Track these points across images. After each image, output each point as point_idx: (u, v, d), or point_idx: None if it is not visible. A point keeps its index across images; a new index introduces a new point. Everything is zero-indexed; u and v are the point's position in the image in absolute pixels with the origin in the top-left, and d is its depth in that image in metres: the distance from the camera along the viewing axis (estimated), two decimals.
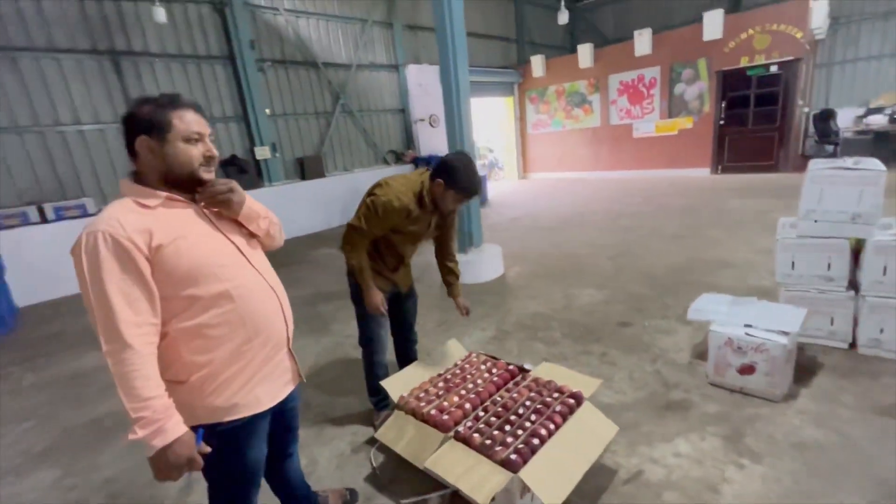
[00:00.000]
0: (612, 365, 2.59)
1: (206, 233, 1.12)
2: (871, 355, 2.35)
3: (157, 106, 1.06)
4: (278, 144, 7.48)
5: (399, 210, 1.85)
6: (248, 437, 1.17)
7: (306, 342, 3.39)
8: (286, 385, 1.27)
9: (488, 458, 1.54)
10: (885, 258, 2.21)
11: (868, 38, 9.46)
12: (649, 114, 9.57)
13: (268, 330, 1.18)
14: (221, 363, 1.09)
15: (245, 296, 1.13)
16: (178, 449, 0.99)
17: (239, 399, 1.13)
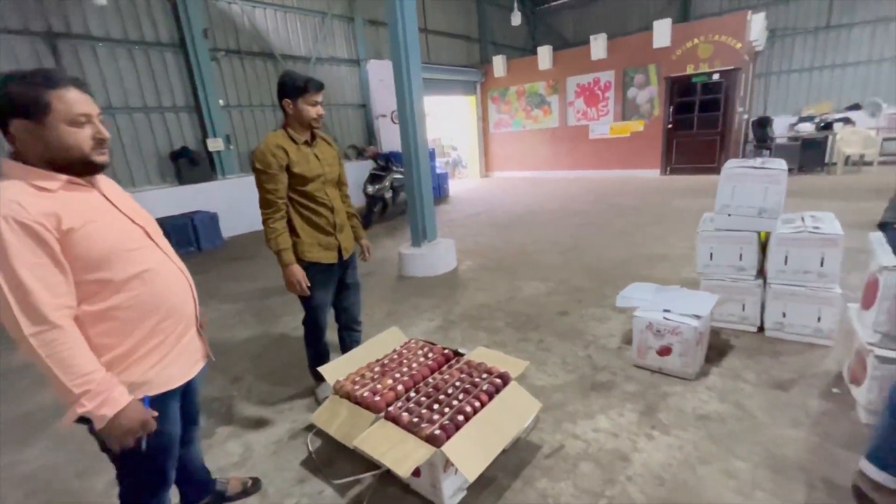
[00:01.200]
0: (547, 351, 2.72)
1: (113, 217, 1.12)
2: (775, 337, 2.59)
3: (28, 85, 0.95)
4: (232, 136, 7.29)
5: (275, 149, 1.93)
6: (160, 413, 1.18)
7: (254, 334, 3.37)
8: (196, 363, 1.31)
9: (414, 435, 1.62)
10: (786, 249, 2.45)
11: (801, 51, 10.22)
12: (604, 116, 9.95)
13: (179, 310, 1.21)
14: (133, 344, 1.11)
15: (156, 279, 1.15)
16: (130, 413, 1.02)
17: (151, 376, 1.15)
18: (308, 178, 2.03)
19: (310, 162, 2.03)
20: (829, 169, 8.25)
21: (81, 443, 2.22)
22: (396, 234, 6.36)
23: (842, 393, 2.10)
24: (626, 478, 1.72)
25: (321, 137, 2.15)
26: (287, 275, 2.05)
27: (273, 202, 1.98)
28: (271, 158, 1.93)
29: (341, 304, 2.38)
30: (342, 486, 1.81)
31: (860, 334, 1.95)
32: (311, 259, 2.10)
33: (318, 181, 2.06)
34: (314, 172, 2.04)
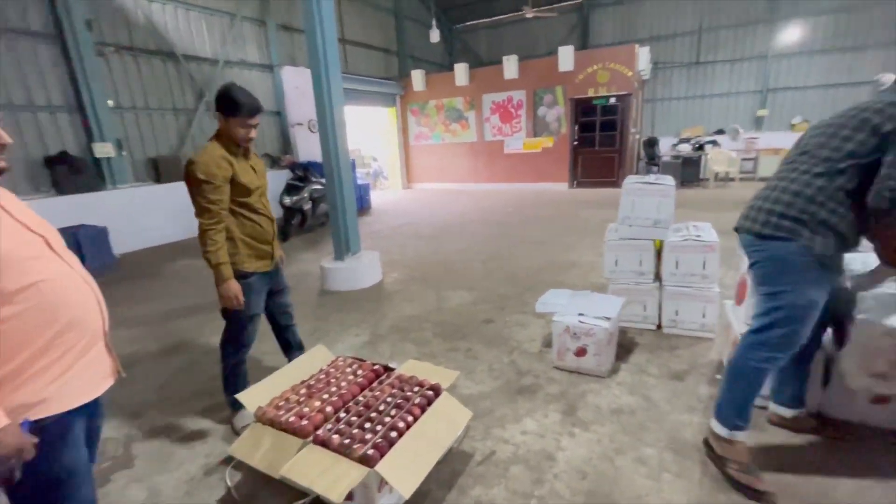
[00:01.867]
0: (474, 359, 2.80)
1: (9, 225, 1.04)
2: (671, 333, 2.93)
3: None
4: (125, 141, 6.53)
5: (220, 160, 1.92)
6: (62, 436, 1.06)
7: (157, 362, 3.02)
8: (104, 380, 1.21)
9: (346, 457, 1.56)
10: (676, 255, 2.79)
11: (678, 82, 11.77)
12: (518, 132, 10.56)
13: (82, 323, 1.13)
14: (25, 360, 1.01)
15: (56, 290, 1.07)
16: (4, 439, 0.92)
17: (49, 393, 1.04)
18: (250, 190, 2.05)
19: (251, 174, 2.07)
20: (703, 184, 9.56)
21: None
22: (317, 247, 6.13)
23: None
24: (554, 476, 1.82)
25: (252, 151, 2.16)
26: (225, 290, 2.00)
27: (215, 213, 1.94)
28: (216, 170, 1.90)
29: (278, 309, 2.40)
30: None
31: (734, 327, 2.28)
32: (248, 269, 2.10)
33: (257, 193, 2.10)
34: (255, 184, 2.07)
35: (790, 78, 10.63)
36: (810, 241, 1.51)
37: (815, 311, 1.59)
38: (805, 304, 1.58)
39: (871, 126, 1.43)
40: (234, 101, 1.90)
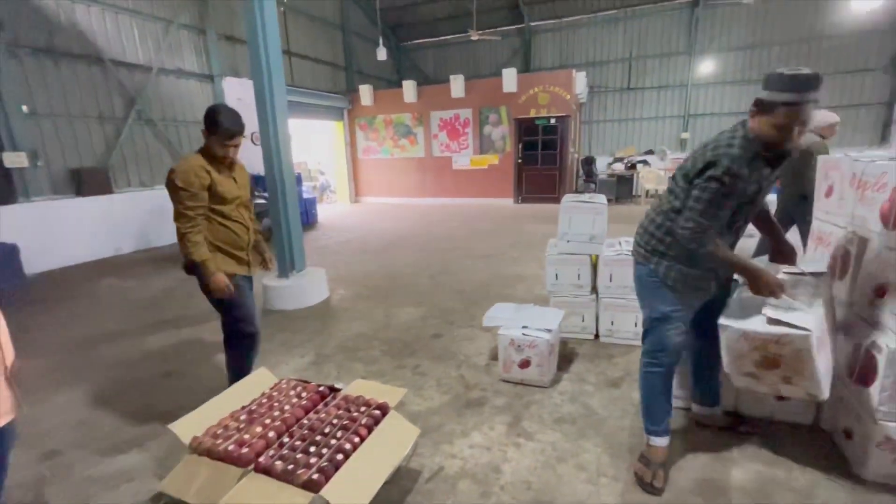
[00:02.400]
0: (423, 375, 2.81)
1: None
2: (608, 342, 3.11)
3: None
4: (41, 151, 5.97)
5: (199, 170, 2.07)
6: None
7: (75, 395, 2.76)
8: (2, 416, 1.17)
9: (290, 484, 1.52)
10: (610, 268, 2.99)
11: (612, 105, 12.63)
12: (465, 149, 10.83)
13: None
14: None
15: None
16: None
17: None
18: (227, 199, 2.18)
19: (230, 184, 2.20)
20: (635, 199, 10.27)
21: None
22: None
23: None
24: (500, 487, 1.86)
25: (238, 163, 2.30)
26: (214, 283, 2.15)
27: (192, 217, 2.09)
28: (194, 178, 2.05)
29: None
30: None
31: None
32: (227, 271, 2.21)
33: (234, 203, 2.22)
34: (232, 195, 2.20)
35: (708, 104, 11.74)
36: (656, 265, 1.80)
37: (669, 322, 1.80)
38: (658, 317, 1.82)
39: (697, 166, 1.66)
40: (215, 121, 2.06)
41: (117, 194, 6.73)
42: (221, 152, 2.12)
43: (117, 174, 6.90)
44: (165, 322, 3.93)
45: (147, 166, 7.35)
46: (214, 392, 2.67)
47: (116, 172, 6.88)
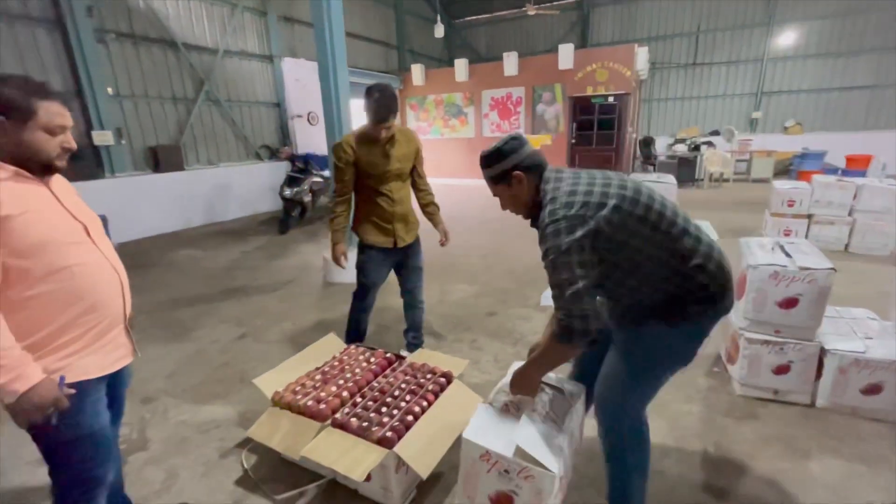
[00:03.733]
0: (480, 350, 2.87)
1: (55, 211, 1.16)
2: None
3: (23, 92, 1.07)
4: (125, 130, 6.48)
5: (346, 146, 2.22)
6: (78, 400, 1.16)
7: (164, 350, 3.05)
8: (120, 360, 1.31)
9: (365, 440, 1.62)
10: None
11: (675, 82, 11.89)
12: (516, 129, 10.61)
13: (105, 307, 1.23)
14: (51, 333, 1.13)
15: (87, 274, 1.18)
16: (41, 391, 1.05)
17: (66, 364, 1.15)
18: (371, 174, 2.28)
19: (378, 160, 2.26)
20: (698, 184, 9.70)
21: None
22: (317, 239, 6.15)
23: (720, 371, 2.53)
24: None
25: (402, 135, 2.34)
26: (332, 251, 2.41)
27: (339, 190, 2.32)
28: (341, 153, 2.23)
29: (404, 285, 2.61)
30: (285, 501, 1.74)
31: (733, 321, 2.37)
32: (368, 242, 2.39)
33: (381, 177, 2.30)
34: (379, 169, 2.27)
35: (784, 81, 10.79)
36: None
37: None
38: None
39: None
40: (367, 105, 2.13)
41: (188, 171, 7.20)
42: (374, 132, 2.19)
43: (188, 152, 7.37)
44: (236, 290, 4.22)
45: (214, 145, 7.80)
46: (283, 353, 2.88)
47: (187, 150, 7.35)
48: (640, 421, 1.43)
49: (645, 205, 1.25)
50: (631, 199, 1.24)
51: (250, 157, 8.39)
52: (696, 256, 1.25)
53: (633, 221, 1.23)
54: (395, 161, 2.31)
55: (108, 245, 1.29)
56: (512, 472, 1.34)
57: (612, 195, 1.24)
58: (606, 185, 1.27)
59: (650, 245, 1.24)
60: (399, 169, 2.33)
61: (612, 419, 1.41)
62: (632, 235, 1.23)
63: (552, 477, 1.29)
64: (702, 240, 1.28)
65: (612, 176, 1.33)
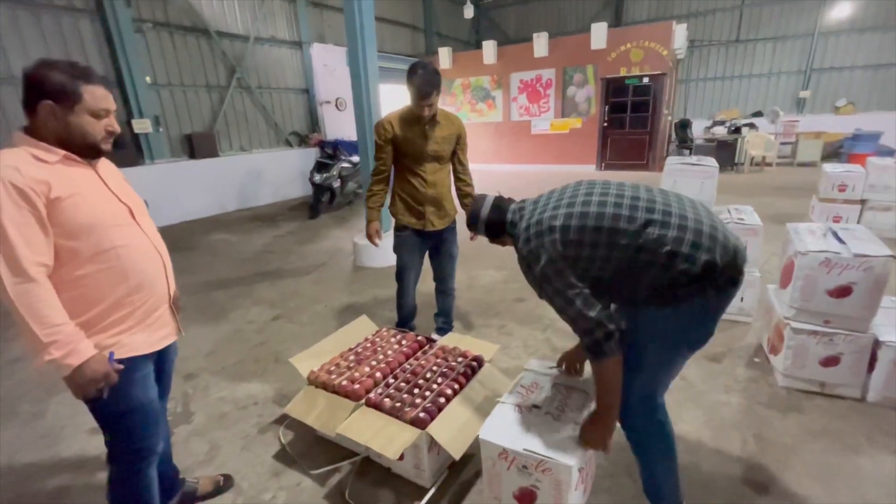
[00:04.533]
0: (509, 335, 2.85)
1: (101, 194, 1.21)
2: (730, 319, 2.87)
3: (70, 76, 1.09)
4: (162, 118, 6.69)
5: (385, 123, 2.25)
6: (128, 375, 1.21)
7: (203, 330, 3.17)
8: (166, 337, 1.37)
9: (398, 419, 1.65)
10: None
11: (715, 61, 11.30)
12: (545, 112, 10.37)
13: (150, 286, 1.27)
14: (101, 312, 1.18)
15: (132, 255, 1.22)
16: (93, 365, 1.11)
17: (115, 341, 1.21)
18: (408, 153, 2.29)
19: (416, 139, 2.26)
20: (737, 168, 9.27)
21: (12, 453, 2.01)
22: (346, 225, 6.23)
23: (761, 361, 2.43)
24: None
25: (444, 118, 2.32)
26: (367, 229, 2.45)
27: (377, 168, 2.35)
28: (381, 131, 2.26)
29: (436, 271, 2.61)
30: (320, 476, 1.79)
31: (778, 310, 2.27)
32: (400, 222, 2.42)
33: (417, 156, 2.29)
34: (415, 149, 2.27)
35: (836, 57, 10.08)
36: None
37: None
38: None
39: None
40: (410, 80, 2.11)
41: (222, 157, 7.39)
42: (417, 110, 2.17)
43: (221, 139, 7.55)
44: (269, 273, 4.34)
45: (246, 131, 7.96)
46: (316, 334, 2.95)
47: (221, 137, 7.53)
48: (653, 409, 1.38)
49: (596, 213, 1.21)
50: (580, 214, 1.23)
51: (280, 144, 8.53)
52: (665, 244, 1.16)
53: (588, 233, 1.21)
54: (434, 142, 2.28)
55: (151, 227, 1.33)
56: (530, 467, 1.35)
57: (560, 216, 1.24)
58: (556, 207, 1.28)
59: (616, 249, 1.19)
60: (436, 151, 2.30)
61: (626, 410, 1.37)
62: (593, 246, 1.20)
63: (569, 468, 1.29)
64: (670, 224, 1.18)
65: (567, 191, 1.34)
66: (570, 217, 1.23)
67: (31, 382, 2.53)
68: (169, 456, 1.63)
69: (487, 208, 1.49)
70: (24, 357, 2.84)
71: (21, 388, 2.52)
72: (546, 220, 1.26)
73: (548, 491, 1.35)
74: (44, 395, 2.42)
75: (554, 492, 1.34)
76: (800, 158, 9.33)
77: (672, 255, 1.16)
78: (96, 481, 1.82)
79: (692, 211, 1.24)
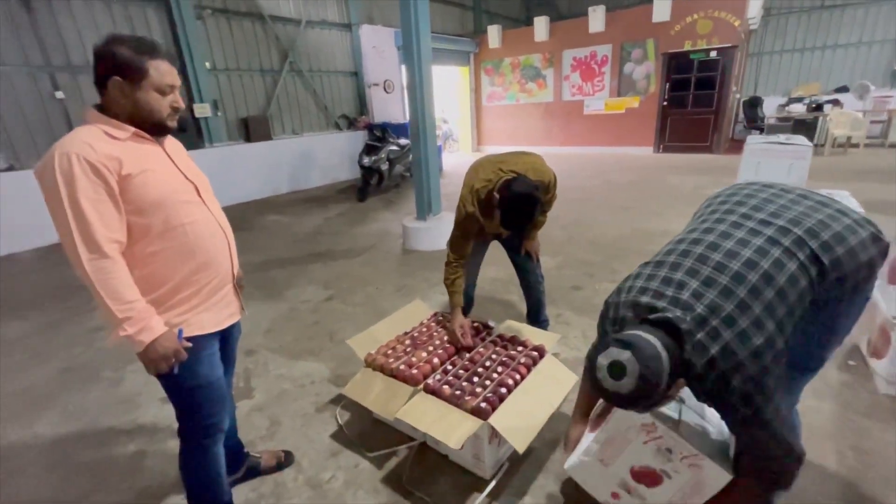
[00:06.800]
0: (566, 325, 2.73)
1: (170, 171, 1.21)
2: None
3: (136, 52, 1.08)
4: (220, 102, 6.93)
5: (470, 217, 1.93)
6: (195, 353, 1.22)
7: (260, 308, 3.27)
8: (230, 316, 1.37)
9: (458, 407, 1.59)
10: None
11: (794, 31, 10.23)
12: (599, 91, 9.85)
13: (215, 265, 1.27)
14: (168, 290, 1.18)
15: (198, 232, 1.21)
16: (164, 342, 1.12)
17: (183, 319, 1.21)
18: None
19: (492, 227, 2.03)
20: (817, 150, 8.41)
21: (95, 416, 2.15)
22: (393, 207, 6.25)
23: (857, 365, 2.17)
24: None
25: None
26: (452, 317, 2.04)
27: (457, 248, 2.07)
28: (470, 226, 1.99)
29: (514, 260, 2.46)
30: (377, 459, 1.79)
31: (884, 309, 2.00)
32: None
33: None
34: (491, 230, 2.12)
35: None
36: None
37: None
38: None
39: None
40: (507, 207, 1.79)
41: (275, 141, 7.59)
42: (490, 228, 2.02)
43: (274, 122, 7.75)
44: (321, 254, 4.42)
45: (297, 115, 8.12)
46: (368, 315, 2.96)
47: (274, 121, 7.73)
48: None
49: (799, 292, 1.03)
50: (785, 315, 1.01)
51: (330, 127, 8.65)
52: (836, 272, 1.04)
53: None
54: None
55: (216, 205, 1.32)
56: (675, 454, 1.21)
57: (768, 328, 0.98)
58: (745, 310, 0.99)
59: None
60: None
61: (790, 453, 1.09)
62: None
63: (726, 477, 1.15)
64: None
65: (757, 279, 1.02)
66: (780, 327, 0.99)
67: (112, 350, 2.71)
68: (235, 430, 1.68)
69: (664, 363, 0.93)
70: (104, 326, 3.05)
71: (103, 355, 2.70)
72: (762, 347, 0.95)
73: (680, 485, 1.23)
74: (122, 364, 2.58)
75: (688, 490, 1.22)
76: (892, 139, 8.33)
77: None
78: (169, 449, 1.91)
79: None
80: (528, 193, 1.76)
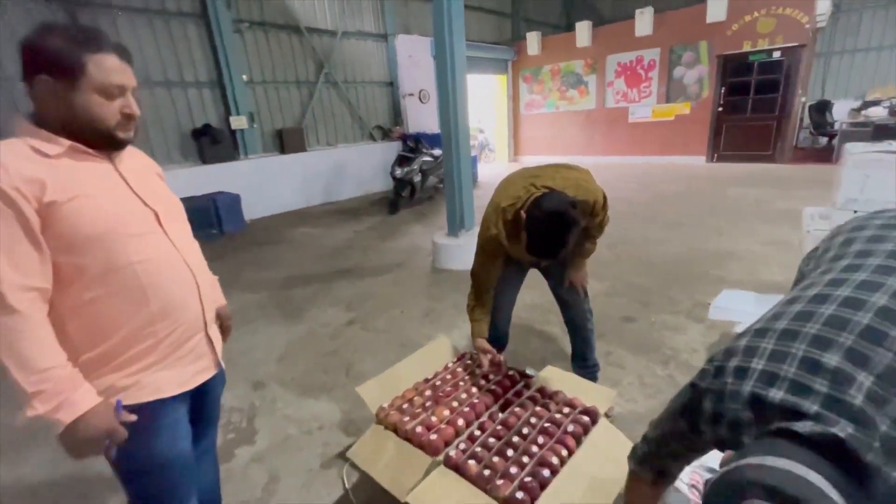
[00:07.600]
0: (619, 367, 2.32)
1: (118, 194, 0.95)
2: None
3: (68, 42, 0.84)
4: (256, 114, 6.95)
5: (493, 239, 1.63)
6: (150, 424, 0.97)
7: (277, 330, 3.05)
8: (200, 373, 1.08)
9: (486, 494, 1.25)
10: None
11: (868, 27, 9.27)
12: (646, 97, 9.26)
13: (178, 312, 1.00)
14: (114, 345, 0.93)
15: (152, 271, 0.95)
16: (92, 421, 0.85)
17: (137, 380, 0.96)
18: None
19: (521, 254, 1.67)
20: None
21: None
22: (425, 221, 5.98)
23: None
24: None
25: None
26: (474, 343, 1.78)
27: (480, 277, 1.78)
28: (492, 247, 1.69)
29: (557, 297, 2.04)
30: None
31: None
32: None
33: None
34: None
35: None
36: None
37: None
38: None
39: None
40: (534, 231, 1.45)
41: (309, 152, 7.54)
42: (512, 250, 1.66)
43: (309, 133, 7.71)
44: (348, 270, 4.18)
45: (332, 126, 8.06)
46: (390, 344, 2.66)
47: (308, 132, 7.69)
48: None
49: None
50: None
51: (364, 138, 8.55)
52: None
53: None
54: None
55: (184, 236, 1.05)
56: None
57: None
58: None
59: None
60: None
61: None
62: None
63: None
64: None
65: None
66: None
67: None
68: (214, 481, 1.35)
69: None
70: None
71: None
72: None
73: None
74: None
75: None
76: None
77: None
78: None
79: None
80: (559, 211, 1.38)
